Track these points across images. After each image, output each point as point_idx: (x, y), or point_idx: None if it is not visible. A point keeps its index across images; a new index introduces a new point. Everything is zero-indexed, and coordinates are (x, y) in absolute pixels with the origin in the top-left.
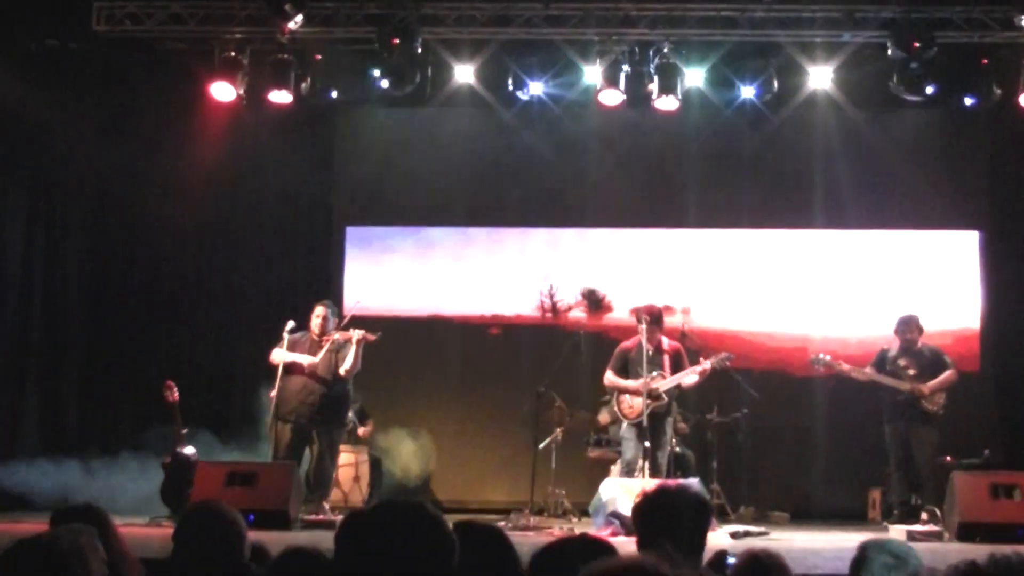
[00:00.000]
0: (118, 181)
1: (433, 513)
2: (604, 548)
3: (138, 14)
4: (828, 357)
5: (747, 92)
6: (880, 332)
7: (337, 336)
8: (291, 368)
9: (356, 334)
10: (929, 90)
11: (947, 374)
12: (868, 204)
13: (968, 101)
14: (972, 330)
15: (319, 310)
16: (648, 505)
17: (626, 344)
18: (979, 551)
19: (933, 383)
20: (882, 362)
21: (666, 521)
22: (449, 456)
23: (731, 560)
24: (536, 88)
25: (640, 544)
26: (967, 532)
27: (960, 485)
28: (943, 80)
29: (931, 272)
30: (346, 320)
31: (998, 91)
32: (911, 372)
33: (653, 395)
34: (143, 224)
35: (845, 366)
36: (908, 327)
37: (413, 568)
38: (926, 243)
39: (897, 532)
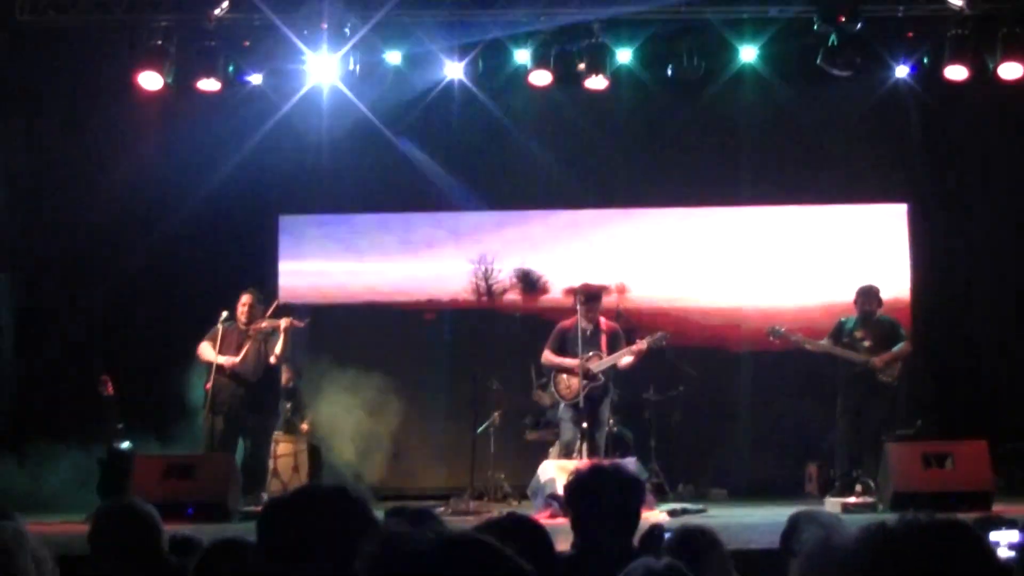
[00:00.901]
0: (47, 171)
1: (355, 496)
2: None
3: (62, 2)
4: (784, 329)
5: (676, 70)
6: (813, 303)
7: (265, 324)
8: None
9: (284, 322)
10: (855, 64)
11: (901, 346)
12: (797, 179)
13: (902, 70)
14: (903, 301)
15: (244, 298)
16: (579, 484)
17: (564, 323)
18: None
19: (885, 356)
20: (839, 333)
21: (597, 499)
22: (388, 442)
23: (666, 535)
24: (463, 69)
25: (573, 523)
26: (901, 502)
27: (893, 455)
28: (869, 54)
29: (861, 245)
30: (273, 308)
31: (923, 63)
32: (867, 344)
33: (589, 375)
34: (73, 216)
35: (800, 337)
36: (867, 298)
37: (336, 552)
38: (855, 216)
39: (832, 504)
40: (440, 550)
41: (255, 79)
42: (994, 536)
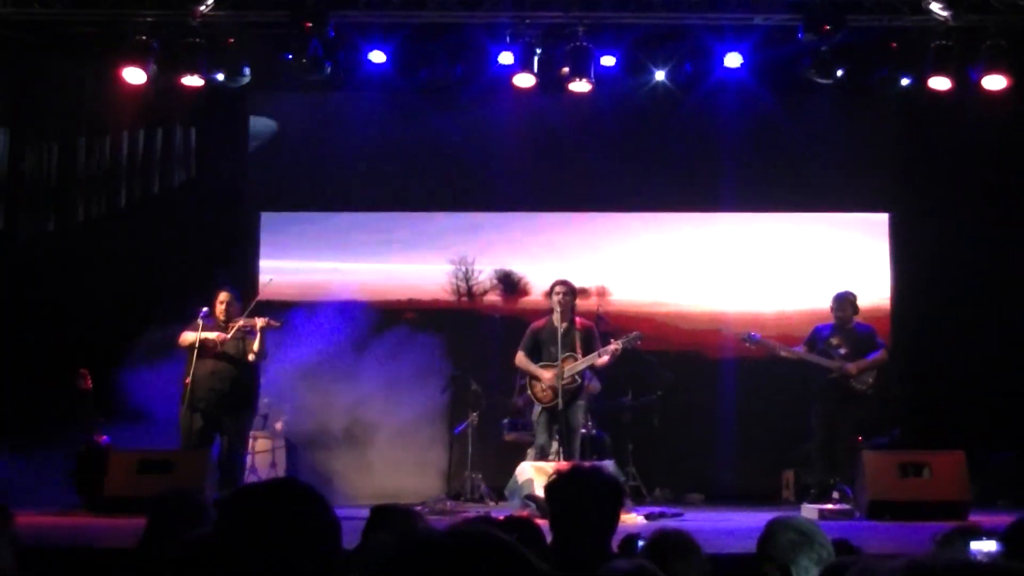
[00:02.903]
0: (28, 165)
1: (306, 489)
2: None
3: None
4: (759, 336)
5: (659, 75)
6: (793, 309)
7: (242, 323)
8: (202, 352)
9: (260, 321)
10: (839, 73)
11: (876, 355)
12: (780, 186)
13: (906, 82)
14: (883, 309)
15: (222, 296)
16: (560, 485)
17: (536, 324)
18: (888, 529)
19: (860, 363)
20: (815, 340)
21: (577, 501)
22: (365, 442)
23: (640, 543)
24: (450, 71)
25: (552, 524)
26: (877, 510)
27: (870, 464)
28: (853, 63)
29: (843, 252)
30: (252, 306)
31: (907, 74)
32: (842, 351)
33: (564, 380)
34: (54, 209)
35: (775, 344)
36: (842, 305)
37: (290, 546)
38: (837, 224)
39: (808, 511)
40: (459, 545)
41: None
42: (973, 546)
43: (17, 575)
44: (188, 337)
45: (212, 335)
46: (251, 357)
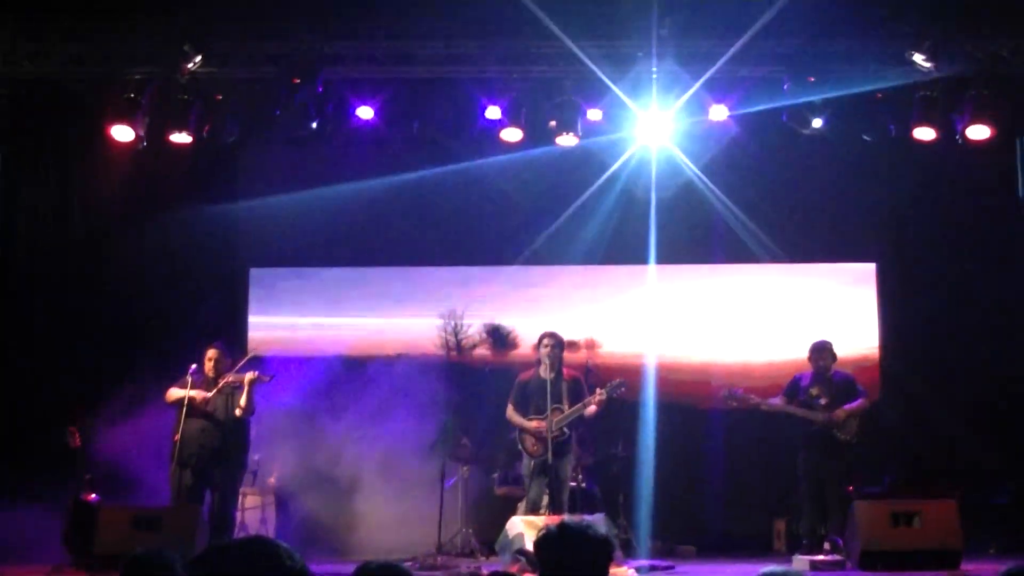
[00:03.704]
0: (20, 219)
1: (275, 547)
2: None
3: (38, 54)
4: (740, 391)
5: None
6: (782, 359)
7: (231, 378)
8: (191, 409)
9: (249, 375)
10: (822, 124)
11: (858, 402)
12: (767, 237)
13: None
14: (872, 358)
15: (210, 353)
16: (549, 540)
17: (524, 375)
18: None
19: (847, 408)
20: (794, 391)
21: (567, 556)
22: (357, 497)
23: None
24: (439, 124)
25: None
26: (869, 561)
27: (861, 514)
28: (837, 115)
29: (830, 302)
30: (242, 363)
31: (893, 124)
32: (823, 401)
33: (553, 432)
34: (43, 263)
35: (756, 400)
36: (820, 354)
37: None
38: (825, 274)
39: (800, 562)
40: None
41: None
42: None
43: None
44: (175, 394)
45: (195, 393)
46: (238, 412)
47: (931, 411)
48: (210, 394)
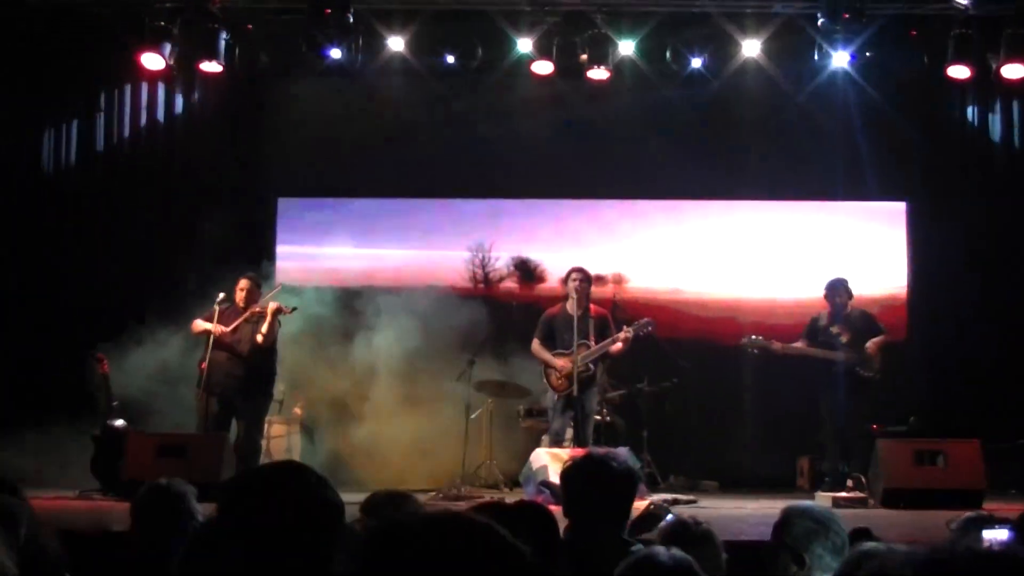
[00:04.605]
0: (49, 150)
1: (307, 471)
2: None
3: None
4: (760, 338)
5: (678, 63)
6: (809, 297)
7: (258, 308)
8: (218, 341)
9: (272, 305)
10: (858, 61)
11: (883, 337)
12: (797, 174)
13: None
14: (900, 298)
15: (242, 283)
16: (575, 471)
17: (551, 311)
18: (903, 517)
19: (875, 342)
20: (814, 332)
21: (592, 487)
22: (382, 428)
23: (668, 517)
24: (471, 56)
25: (565, 510)
26: (891, 498)
27: (885, 452)
28: (872, 51)
29: (859, 241)
30: (272, 293)
31: (926, 62)
32: (844, 339)
33: (579, 367)
34: (73, 194)
35: (777, 345)
36: (836, 291)
37: (290, 528)
38: (855, 213)
39: (822, 499)
40: (430, 528)
41: None
42: (986, 535)
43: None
44: (199, 325)
45: (216, 327)
46: (259, 339)
47: (958, 351)
48: (229, 329)
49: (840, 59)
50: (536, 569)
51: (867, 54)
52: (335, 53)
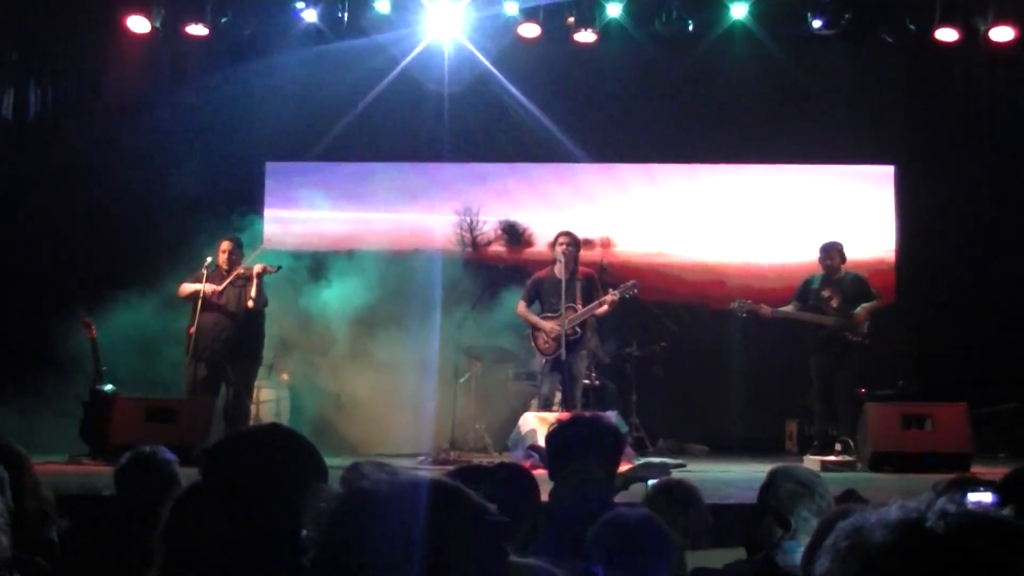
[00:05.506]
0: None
1: (291, 434)
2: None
3: None
4: (749, 302)
5: (665, 26)
6: (797, 261)
7: (242, 270)
8: (206, 303)
9: (257, 267)
10: (844, 23)
11: (874, 302)
12: (785, 138)
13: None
14: (888, 262)
15: (224, 245)
16: (560, 434)
17: (539, 274)
18: (890, 480)
19: (865, 307)
20: (805, 294)
21: (576, 450)
22: (371, 393)
23: (651, 482)
24: (455, 21)
25: (551, 472)
26: (879, 462)
27: (872, 416)
28: (859, 13)
29: (848, 204)
30: (254, 254)
31: (912, 25)
32: (834, 304)
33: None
34: (59, 157)
35: (766, 309)
36: (829, 254)
37: (275, 490)
38: (843, 176)
39: (811, 462)
40: (399, 490)
41: None
42: (970, 497)
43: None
44: (187, 288)
45: (207, 286)
46: (250, 304)
47: (946, 315)
48: (220, 287)
49: (827, 22)
50: (503, 526)
51: (856, 17)
52: (308, 15)
